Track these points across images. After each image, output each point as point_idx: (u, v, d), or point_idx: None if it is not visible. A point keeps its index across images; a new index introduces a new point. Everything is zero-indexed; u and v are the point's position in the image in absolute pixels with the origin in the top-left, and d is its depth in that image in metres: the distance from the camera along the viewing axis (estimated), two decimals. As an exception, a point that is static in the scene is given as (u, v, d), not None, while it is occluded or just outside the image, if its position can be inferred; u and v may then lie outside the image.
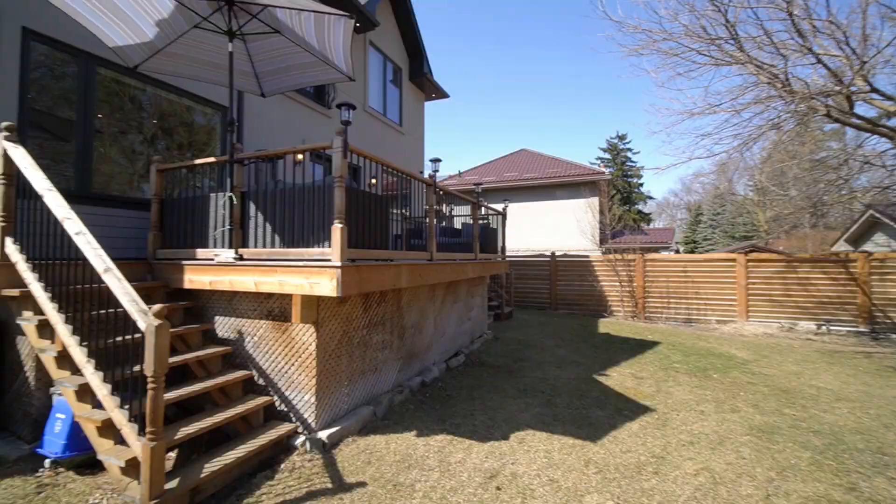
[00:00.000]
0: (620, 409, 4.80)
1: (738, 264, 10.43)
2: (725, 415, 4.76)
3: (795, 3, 7.42)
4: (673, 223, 49.64)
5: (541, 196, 18.28)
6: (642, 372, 6.37)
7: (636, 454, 3.73)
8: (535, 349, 7.57)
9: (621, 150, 41.41)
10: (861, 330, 9.17)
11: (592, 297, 12.23)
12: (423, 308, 5.88)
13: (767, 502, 3.10)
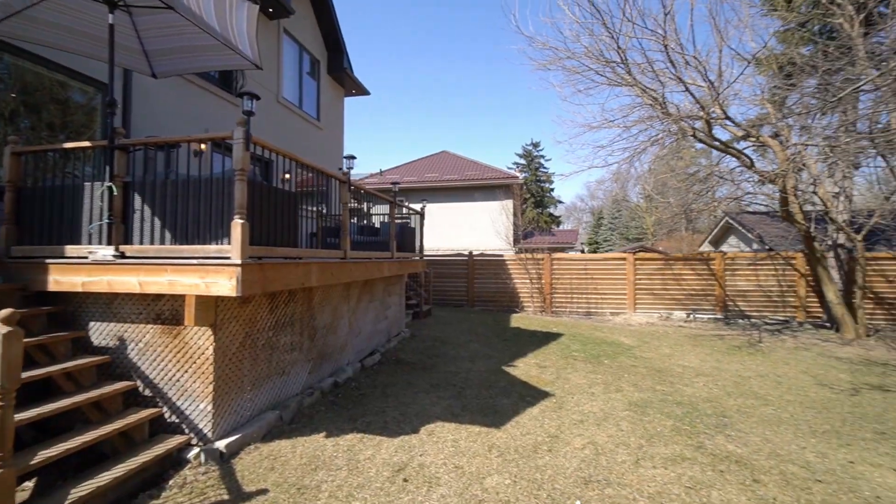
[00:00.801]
0: (524, 396, 5.20)
1: (627, 263, 11.83)
2: (611, 395, 5.41)
3: (669, 38, 8.64)
4: (579, 225, 54.53)
5: (460, 197, 18.86)
6: (546, 361, 6.95)
7: (534, 435, 4.09)
8: (450, 345, 7.83)
9: (535, 156, 44.27)
10: (718, 317, 11.00)
11: (506, 293, 12.96)
12: (337, 307, 5.77)
13: (637, 465, 3.61)
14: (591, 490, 3.19)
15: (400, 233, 8.55)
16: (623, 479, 3.38)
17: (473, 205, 18.53)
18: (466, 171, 19.86)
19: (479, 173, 19.09)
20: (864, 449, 4.07)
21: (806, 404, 5.29)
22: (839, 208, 9.41)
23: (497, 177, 18.12)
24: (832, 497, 3.23)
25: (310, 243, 5.83)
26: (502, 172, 18.86)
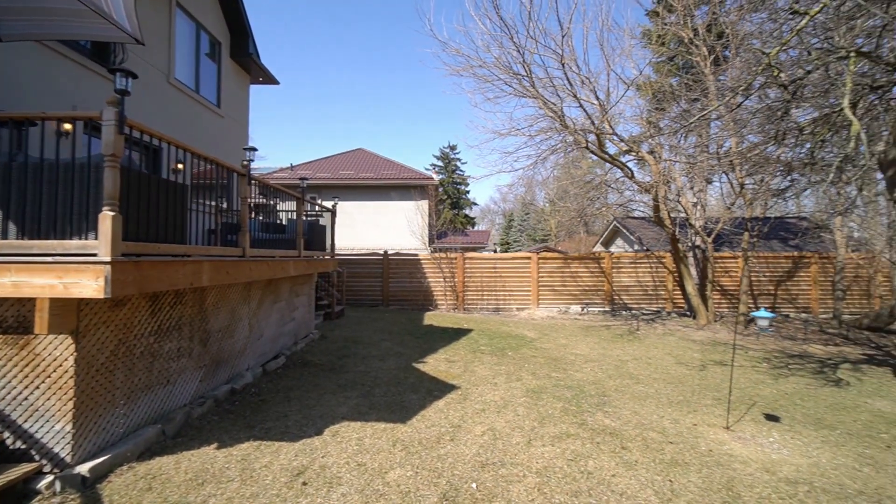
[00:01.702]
0: (431, 391, 5.36)
1: (532, 262, 12.77)
2: (512, 384, 5.82)
3: (567, 57, 9.52)
4: (492, 227, 57.31)
5: (376, 196, 18.64)
6: (455, 356, 7.22)
7: (438, 427, 4.25)
8: (361, 345, 7.73)
9: (452, 159, 45.42)
10: (606, 309, 12.42)
11: (421, 292, 13.15)
12: (236, 309, 5.37)
13: (529, 445, 3.96)
14: (486, 472, 3.43)
15: (309, 230, 8.21)
16: (516, 458, 3.69)
17: (389, 204, 18.44)
18: (383, 170, 19.68)
19: (395, 173, 19.05)
20: (705, 413, 4.95)
21: (667, 380, 6.25)
22: (697, 216, 11.24)
23: (413, 177, 18.26)
24: (679, 454, 3.88)
25: (207, 240, 5.35)
26: (418, 173, 19.05)
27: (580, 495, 3.19)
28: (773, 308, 11.94)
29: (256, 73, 11.56)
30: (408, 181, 17.96)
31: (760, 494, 3.29)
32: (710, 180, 11.95)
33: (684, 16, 11.26)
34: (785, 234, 14.19)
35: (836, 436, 4.48)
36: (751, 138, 9.54)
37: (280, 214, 8.66)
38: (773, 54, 5.18)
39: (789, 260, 12.13)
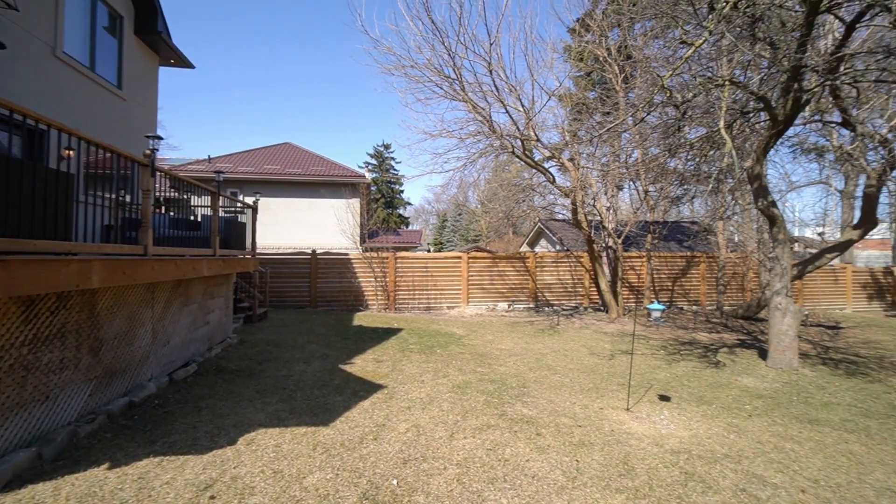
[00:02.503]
0: (357, 391, 5.30)
1: (462, 261, 13.10)
2: (439, 380, 5.95)
3: (495, 64, 9.92)
4: (426, 227, 57.67)
5: (305, 193, 17.87)
6: (383, 356, 7.19)
7: (362, 427, 4.22)
8: (285, 348, 7.39)
9: (386, 157, 44.93)
10: (530, 306, 13.14)
11: (351, 292, 12.86)
12: (136, 313, 4.86)
13: (451, 438, 4.09)
14: (408, 468, 3.49)
15: (226, 228, 7.67)
16: (438, 452, 3.79)
17: (319, 202, 17.77)
18: (312, 166, 18.91)
19: (325, 169, 18.40)
20: (611, 398, 5.47)
21: (581, 370, 6.80)
22: (610, 219, 12.32)
23: (344, 174, 17.78)
24: (586, 436, 4.26)
25: (105, 237, 4.76)
26: (350, 171, 18.58)
27: (496, 481, 3.37)
28: (670, 301, 13.50)
29: (167, 54, 10.49)
30: (338, 178, 17.46)
31: (650, 465, 3.73)
32: (620, 187, 13.18)
33: (600, 36, 12.30)
34: (680, 236, 16.10)
35: (712, 410, 5.21)
36: (653, 150, 10.70)
37: (195, 210, 7.96)
38: (665, 77, 5.87)
39: (683, 259, 13.79)
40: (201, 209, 8.12)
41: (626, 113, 9.14)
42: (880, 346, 9.12)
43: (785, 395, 5.86)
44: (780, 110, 6.76)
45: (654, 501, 3.20)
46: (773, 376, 6.74)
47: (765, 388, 6.13)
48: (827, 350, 8.72)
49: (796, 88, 6.56)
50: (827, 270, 13.84)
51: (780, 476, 3.66)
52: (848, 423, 4.97)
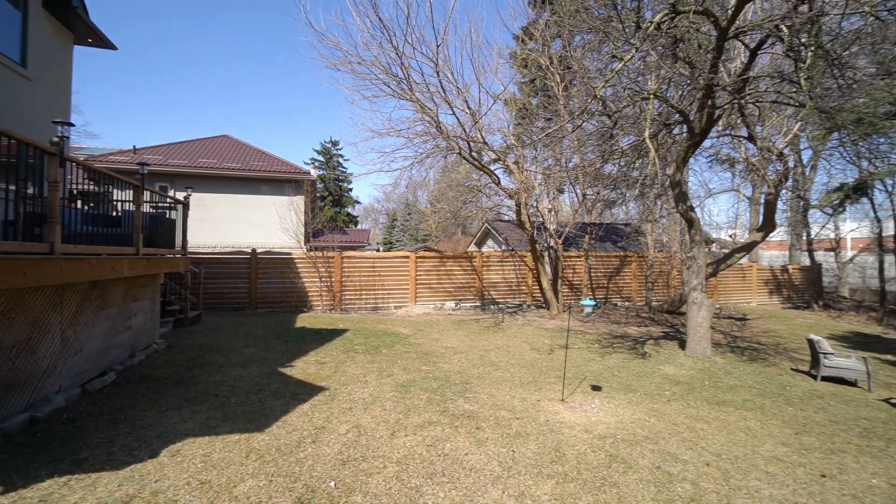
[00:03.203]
0: (297, 395, 5.14)
1: (410, 261, 13.11)
2: (383, 380, 5.92)
3: (442, 66, 10.03)
4: (375, 226, 56.83)
5: (244, 189, 16.95)
6: (326, 357, 7.03)
7: (301, 431, 4.11)
8: (220, 353, 6.98)
9: (334, 154, 43.68)
10: (477, 304, 13.44)
11: (294, 293, 12.40)
12: (40, 319, 4.37)
13: (392, 437, 4.10)
14: (347, 469, 3.46)
15: (151, 224, 7.09)
16: (378, 451, 3.80)
17: (260, 198, 16.94)
18: (252, 160, 17.95)
19: (267, 165, 17.56)
20: (548, 390, 5.76)
21: (521, 364, 7.08)
22: (551, 220, 12.91)
23: (287, 171, 17.07)
24: (522, 428, 4.46)
25: (3, 234, 4.22)
26: (294, 167, 17.88)
27: (435, 476, 3.44)
28: (605, 298, 14.42)
29: (84, 31, 9.48)
30: (281, 175, 16.75)
31: (579, 451, 3.99)
32: (561, 190, 13.86)
33: (542, 45, 12.84)
34: (615, 237, 17.24)
35: (637, 397, 5.65)
36: (590, 156, 11.37)
37: (116, 205, 7.28)
38: (598, 88, 6.28)
39: (617, 259, 14.78)
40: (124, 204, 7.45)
41: (566, 120, 9.64)
42: (777, 335, 10.38)
43: (699, 381, 6.50)
44: (696, 124, 7.47)
45: (581, 484, 3.44)
46: (690, 364, 7.44)
47: (682, 375, 6.76)
48: (735, 339, 9.78)
49: (710, 105, 7.28)
50: (737, 269, 15.48)
51: (689, 453, 4.07)
52: (748, 402, 5.62)
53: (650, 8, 8.89)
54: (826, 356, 6.68)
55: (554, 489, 3.34)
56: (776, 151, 8.95)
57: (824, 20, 6.10)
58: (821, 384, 6.59)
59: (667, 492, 3.38)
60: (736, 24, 6.62)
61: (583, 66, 11.23)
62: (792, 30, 6.12)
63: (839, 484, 3.64)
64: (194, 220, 14.94)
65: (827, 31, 6.32)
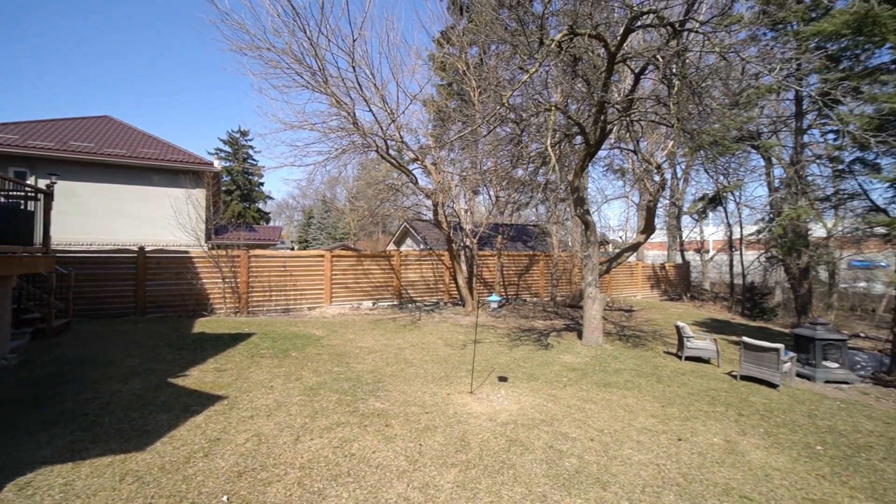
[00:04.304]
0: (189, 406, 4.70)
1: (325, 260, 12.65)
2: (290, 384, 5.66)
3: (359, 61, 9.84)
4: (290, 223, 53.60)
5: (132, 179, 14.87)
6: (227, 364, 6.51)
7: (191, 445, 3.78)
8: (93, 366, 6.08)
9: (243, 145, 40.31)
10: (395, 303, 13.43)
11: (192, 296, 11.23)
12: None
13: (296, 442, 3.96)
14: (243, 481, 3.27)
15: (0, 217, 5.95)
16: (280, 458, 3.64)
17: (151, 190, 15.02)
18: (141, 147, 15.82)
19: (159, 152, 15.61)
20: (458, 384, 5.99)
21: (435, 361, 7.25)
22: (467, 220, 13.38)
23: (185, 160, 15.35)
24: (431, 421, 4.59)
25: None
26: (192, 156, 16.13)
27: (340, 477, 3.40)
28: (516, 294, 15.35)
29: None
30: (177, 164, 15.02)
31: (483, 438, 4.23)
32: (477, 191, 14.43)
33: (460, 50, 13.24)
34: (525, 238, 18.44)
35: (538, 384, 6.14)
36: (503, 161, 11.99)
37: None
38: (506, 97, 6.69)
39: (527, 258, 15.83)
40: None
41: (479, 124, 10.06)
42: (656, 323, 11.98)
43: (591, 367, 7.25)
44: (592, 136, 8.30)
45: (482, 469, 3.65)
46: (585, 352, 8.27)
47: (578, 363, 7.49)
48: (623, 329, 11.07)
49: (603, 119, 8.15)
50: (626, 266, 17.50)
51: (578, 431, 4.54)
52: (628, 382, 6.42)
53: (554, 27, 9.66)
54: (688, 339, 7.89)
55: (457, 476, 3.51)
56: (655, 164, 10.31)
57: (688, 55, 7.18)
58: (684, 363, 7.77)
59: (556, 467, 3.74)
60: (623, 50, 7.49)
61: (496, 74, 11.83)
62: (664, 61, 7.12)
63: (690, 445, 4.34)
64: (63, 213, 12.79)
65: (690, 65, 7.45)
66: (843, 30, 7.09)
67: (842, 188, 9.16)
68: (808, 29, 7.80)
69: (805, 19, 9.10)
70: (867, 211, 8.45)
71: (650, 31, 8.88)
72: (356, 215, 17.06)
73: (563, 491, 3.38)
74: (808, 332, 7.28)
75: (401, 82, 11.31)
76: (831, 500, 3.47)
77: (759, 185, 22.85)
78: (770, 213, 12.67)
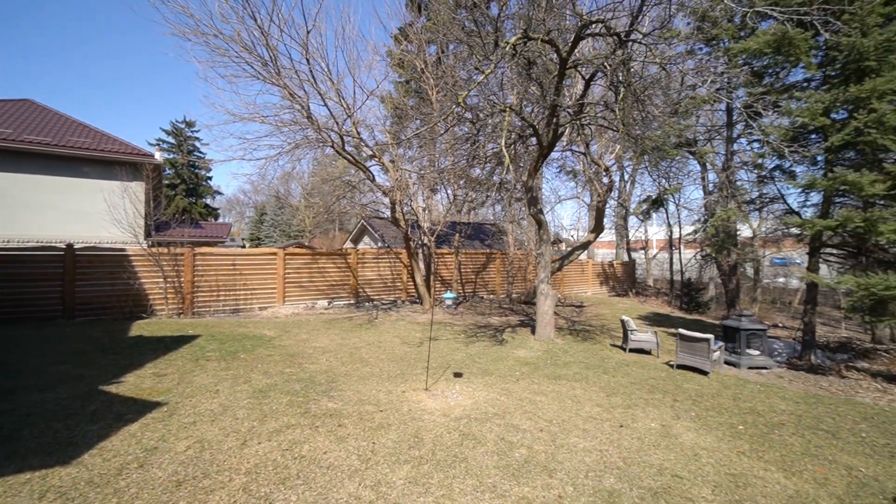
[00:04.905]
0: (123, 415, 4.39)
1: (278, 258, 12.20)
2: (238, 387, 5.43)
3: (312, 53, 9.57)
4: (241, 220, 51.03)
5: (58, 170, 13.54)
6: (168, 368, 6.13)
7: (124, 456, 3.54)
8: (8, 376, 5.51)
9: (189, 137, 37.86)
10: (351, 302, 13.21)
11: (129, 296, 10.43)
12: None
13: (243, 446, 3.82)
14: (183, 490, 3.11)
15: None
16: (224, 464, 3.50)
17: (81, 182, 13.76)
18: (69, 135, 14.45)
19: (91, 141, 14.33)
20: (414, 381, 6.01)
21: (392, 359, 7.23)
22: (425, 218, 13.39)
23: (121, 150, 14.19)
24: (385, 419, 4.58)
25: None
26: (130, 147, 14.94)
27: (288, 480, 3.32)
28: (473, 292, 15.58)
29: None
30: (112, 155, 13.88)
31: (436, 433, 4.29)
32: (435, 190, 14.48)
33: (419, 48, 13.20)
34: (482, 236, 18.75)
35: (492, 379, 6.29)
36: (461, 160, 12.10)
37: None
38: (462, 97, 6.77)
39: (484, 256, 16.11)
40: None
41: (436, 122, 10.10)
42: (604, 318, 12.62)
43: (543, 361, 7.53)
44: (545, 137, 8.59)
45: (435, 464, 3.71)
46: (538, 347, 8.56)
47: (531, 357, 7.74)
48: (574, 323, 11.57)
49: (555, 122, 8.46)
50: (577, 264, 18.28)
51: (529, 422, 4.71)
52: (577, 374, 6.73)
53: (510, 30, 9.89)
54: (632, 333, 8.39)
55: (409, 473, 3.54)
56: (604, 166, 10.84)
57: (632, 64, 7.62)
58: (628, 355, 8.25)
59: (507, 458, 3.87)
60: (574, 56, 7.81)
61: (454, 73, 11.92)
62: (611, 68, 7.50)
63: (631, 431, 4.64)
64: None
65: (634, 74, 7.91)
66: (765, 49, 7.80)
67: (764, 192, 10.11)
68: (736, 46, 8.50)
69: (735, 37, 9.91)
70: (784, 213, 9.38)
71: (599, 39, 9.32)
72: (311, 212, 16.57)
73: (513, 480, 3.50)
74: (734, 324, 7.98)
75: (357, 77, 11.12)
76: (749, 474, 3.84)
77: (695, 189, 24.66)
78: (705, 214, 13.72)
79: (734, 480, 3.71)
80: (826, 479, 3.84)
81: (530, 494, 3.32)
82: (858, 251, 8.01)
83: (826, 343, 10.59)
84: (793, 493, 3.56)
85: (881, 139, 6.50)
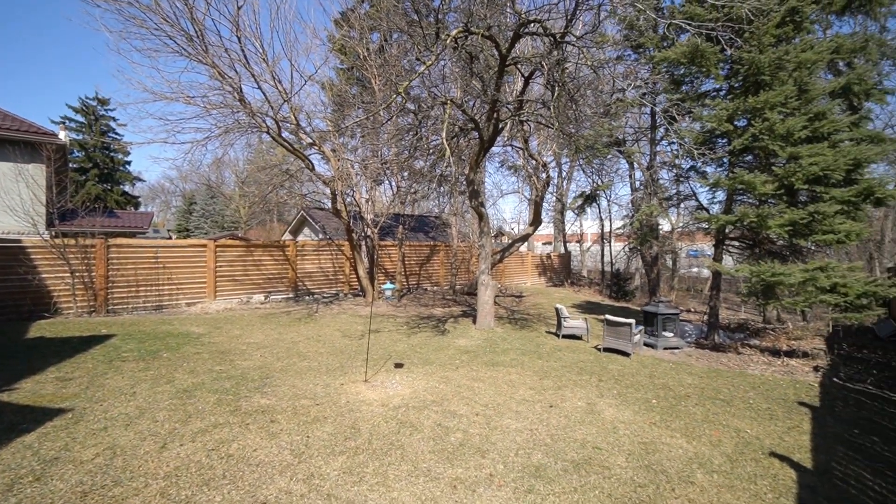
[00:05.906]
0: (17, 425, 3.91)
1: (208, 250, 11.38)
2: (159, 388, 5.05)
3: (244, 31, 8.97)
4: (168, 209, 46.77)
5: (-72, 146, 11.55)
6: (75, 372, 5.53)
7: (17, 470, 3.17)
8: None
9: (102, 116, 33.81)
10: (290, 296, 12.70)
11: (27, 294, 9.21)
12: None
13: (162, 450, 3.57)
14: (89, 500, 2.86)
15: None
16: (140, 470, 3.26)
17: (-40, 162, 11.86)
18: (-57, 105, 12.34)
19: (-27, 115, 12.36)
20: (354, 373, 5.94)
21: (331, 352, 7.08)
22: (368, 210, 13.17)
23: (12, 128, 12.39)
24: (321, 413, 4.50)
25: None
26: (25, 123, 13.07)
27: (213, 481, 3.18)
28: (417, 284, 15.65)
29: None
30: (3, 133, 12.09)
31: (373, 424, 4.30)
32: (378, 181, 14.26)
33: (361, 34, 12.84)
34: (427, 228, 18.84)
35: (432, 368, 6.39)
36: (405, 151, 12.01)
37: None
38: (403, 87, 6.72)
39: (428, 248, 16.20)
40: None
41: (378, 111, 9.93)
42: (541, 307, 13.26)
43: (482, 349, 7.77)
44: (485, 132, 8.77)
45: (371, 453, 3.72)
46: (478, 335, 8.81)
47: (471, 345, 7.97)
48: (513, 313, 12.04)
49: (495, 117, 8.67)
50: (517, 256, 18.99)
51: (465, 408, 4.87)
52: (514, 360, 7.04)
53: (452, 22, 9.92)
54: (565, 320, 8.92)
55: (344, 463, 3.52)
56: (542, 162, 11.31)
57: (567, 65, 8.00)
58: (561, 341, 8.77)
59: (443, 443, 3.98)
60: (514, 54, 8.03)
61: (398, 62, 11.76)
62: (548, 68, 7.83)
63: (559, 410, 4.96)
64: None
65: (569, 74, 8.31)
66: (682, 59, 8.56)
67: (681, 190, 11.15)
68: (659, 55, 9.23)
69: (658, 46, 10.75)
70: (696, 209, 10.43)
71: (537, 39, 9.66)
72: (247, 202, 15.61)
73: (447, 463, 3.62)
74: (652, 309, 8.77)
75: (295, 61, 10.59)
76: (658, 441, 4.29)
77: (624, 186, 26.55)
78: (631, 209, 14.84)
79: (645, 448, 4.12)
80: (720, 440, 4.39)
81: (463, 475, 3.45)
82: (754, 243, 9.12)
83: (728, 324, 11.98)
84: (692, 455, 4.03)
85: (771, 145, 7.42)
